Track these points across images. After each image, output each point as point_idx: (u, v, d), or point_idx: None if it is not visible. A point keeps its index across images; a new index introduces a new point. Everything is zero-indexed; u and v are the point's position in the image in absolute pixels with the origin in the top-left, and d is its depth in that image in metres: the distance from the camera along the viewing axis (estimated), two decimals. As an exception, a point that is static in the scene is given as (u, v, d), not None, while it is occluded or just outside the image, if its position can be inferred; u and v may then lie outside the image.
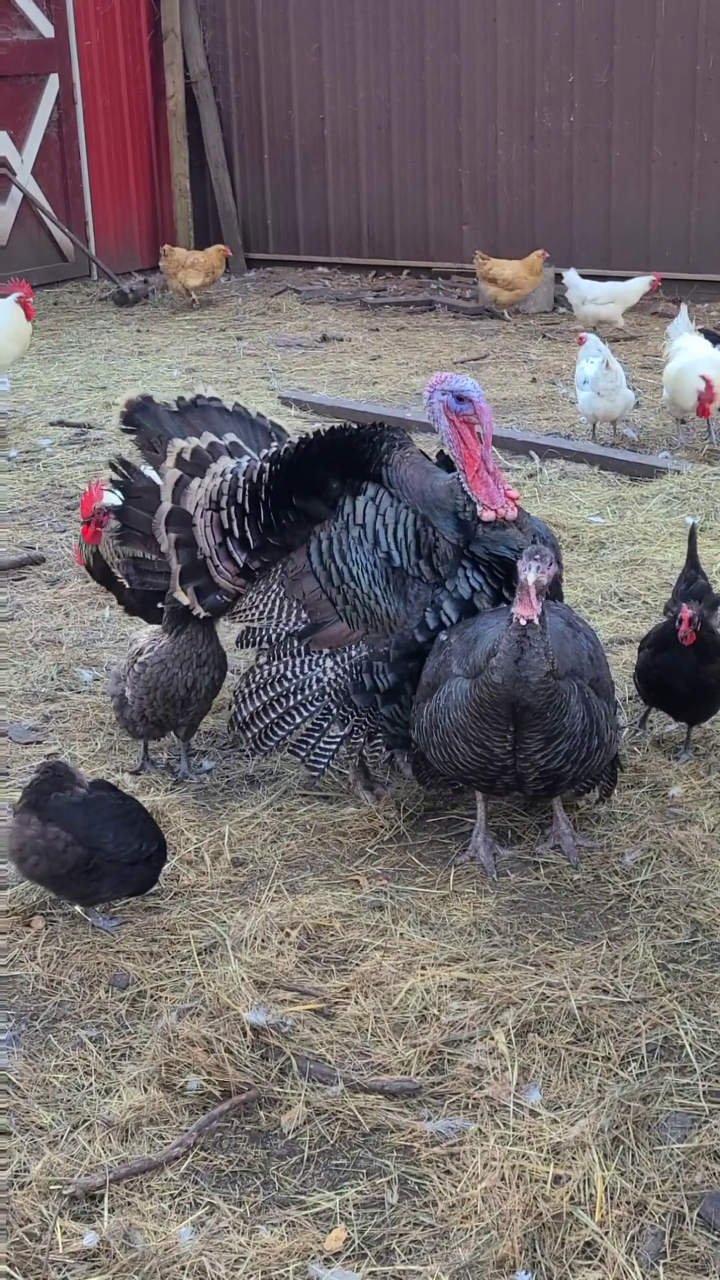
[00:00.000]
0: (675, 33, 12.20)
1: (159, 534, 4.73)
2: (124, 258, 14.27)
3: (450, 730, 4.02)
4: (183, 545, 4.67)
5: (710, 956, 3.82)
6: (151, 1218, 3.00)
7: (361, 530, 4.38)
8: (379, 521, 4.37)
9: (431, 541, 4.31)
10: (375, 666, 4.38)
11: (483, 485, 4.26)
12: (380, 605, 4.35)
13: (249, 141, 14.62)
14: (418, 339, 11.60)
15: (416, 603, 4.31)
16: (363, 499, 4.42)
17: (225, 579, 4.64)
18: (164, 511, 4.70)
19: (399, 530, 4.34)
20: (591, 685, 4.08)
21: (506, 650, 3.82)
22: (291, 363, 10.71)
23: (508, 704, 3.86)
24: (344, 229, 14.35)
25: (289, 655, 4.54)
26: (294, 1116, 3.28)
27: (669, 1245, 2.91)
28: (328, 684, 4.46)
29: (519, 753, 3.96)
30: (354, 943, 3.91)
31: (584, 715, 3.97)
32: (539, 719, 3.88)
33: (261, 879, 4.22)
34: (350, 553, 4.38)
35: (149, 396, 5.01)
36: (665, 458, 8.12)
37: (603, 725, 4.06)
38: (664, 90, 12.38)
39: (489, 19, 12.98)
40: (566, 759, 3.98)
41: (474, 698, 3.92)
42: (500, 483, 4.29)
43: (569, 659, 4.00)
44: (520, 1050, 3.46)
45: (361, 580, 4.37)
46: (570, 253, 13.02)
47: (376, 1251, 2.92)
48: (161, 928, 3.98)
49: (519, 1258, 2.87)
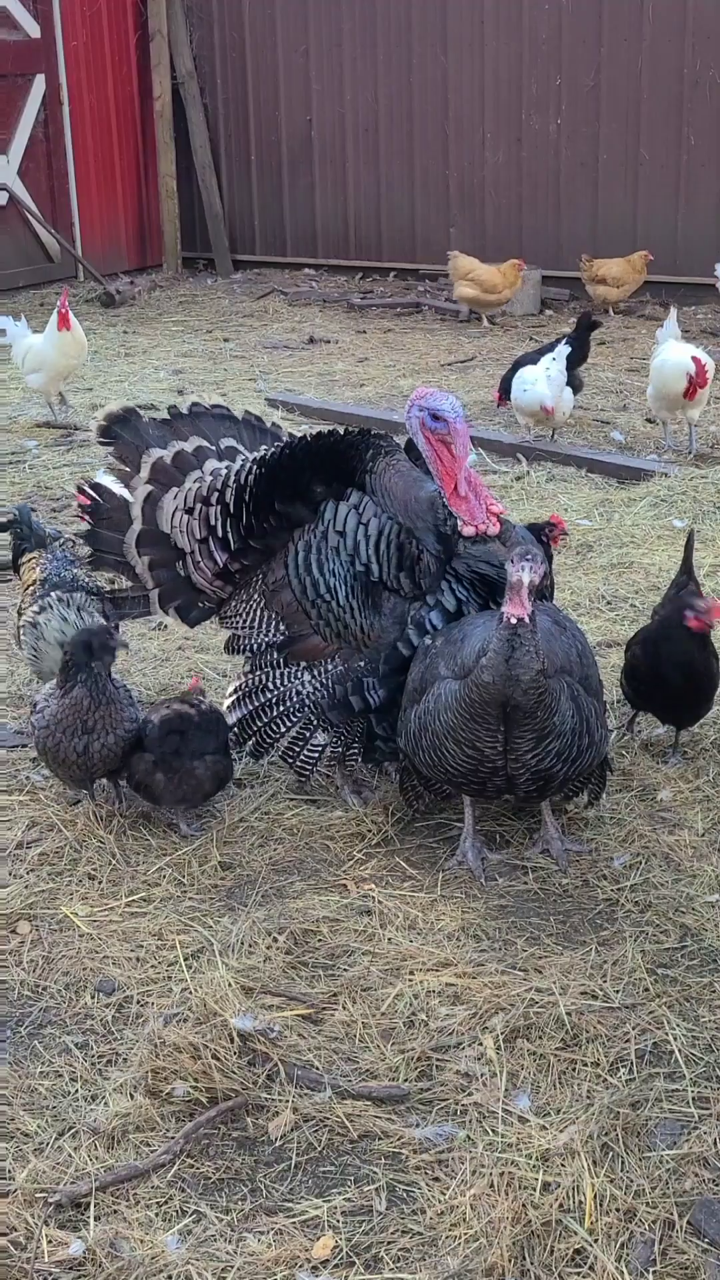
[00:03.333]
0: (662, 36, 12.22)
1: (130, 556, 4.67)
2: (110, 259, 14.24)
3: (440, 733, 4.00)
4: (158, 566, 4.62)
5: (699, 961, 3.81)
6: (138, 1226, 2.97)
7: (341, 539, 4.32)
8: (361, 531, 4.31)
9: (415, 554, 4.26)
10: (365, 684, 4.34)
11: (462, 502, 4.22)
12: (355, 620, 4.31)
13: (236, 143, 14.60)
14: (405, 341, 11.59)
15: (392, 616, 4.27)
16: (345, 505, 4.36)
17: (204, 579, 4.60)
18: (134, 533, 4.64)
19: (382, 542, 4.28)
20: (581, 683, 4.07)
21: (497, 649, 3.80)
22: (278, 364, 10.69)
23: (499, 703, 3.84)
24: (331, 231, 14.34)
25: (269, 666, 4.52)
26: (281, 1123, 3.25)
27: (659, 1253, 2.89)
28: (306, 697, 4.45)
29: (510, 753, 3.94)
30: (342, 947, 3.89)
31: (574, 714, 3.96)
32: (530, 718, 3.87)
33: (249, 883, 4.20)
34: (327, 563, 4.33)
35: (132, 409, 4.88)
36: (653, 460, 8.12)
37: (593, 724, 4.06)
38: (651, 93, 12.40)
39: (476, 22, 12.99)
40: (558, 758, 3.97)
41: (464, 698, 3.90)
42: (482, 497, 4.24)
43: (558, 657, 4.00)
44: (509, 1056, 3.44)
45: (338, 593, 4.32)
46: (557, 255, 13.04)
47: (364, 1259, 2.90)
48: (148, 933, 3.95)
49: (508, 1265, 2.85)
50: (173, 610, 4.67)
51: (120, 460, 4.79)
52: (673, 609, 4.72)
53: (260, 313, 12.89)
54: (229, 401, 9.52)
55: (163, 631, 5.93)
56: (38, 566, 5.05)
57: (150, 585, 4.67)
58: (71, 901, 4.10)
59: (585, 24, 12.53)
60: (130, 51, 14.24)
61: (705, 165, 12.34)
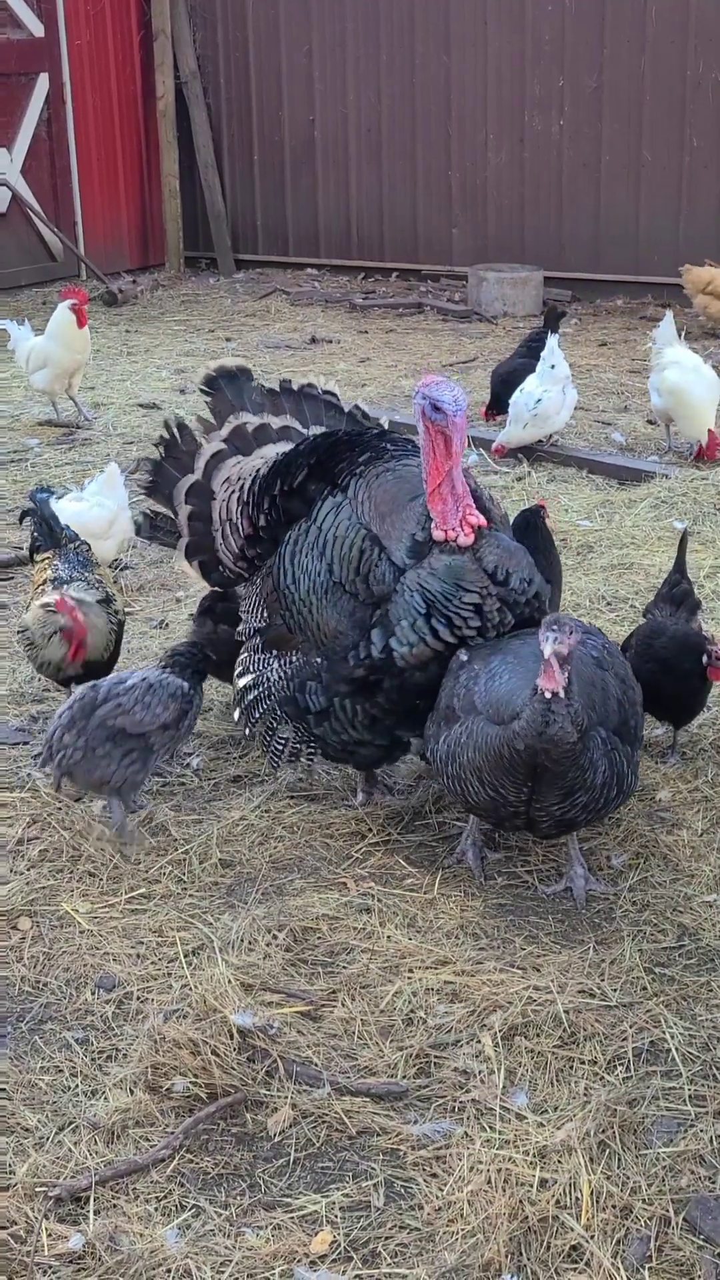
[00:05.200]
0: (665, 38, 12.23)
1: (177, 502, 4.79)
2: (113, 258, 14.25)
3: (466, 767, 3.92)
4: (196, 518, 4.73)
5: (697, 960, 3.83)
6: (137, 1220, 2.99)
7: (318, 534, 4.33)
8: (333, 530, 4.29)
9: (373, 560, 4.17)
10: (307, 686, 4.33)
11: (439, 502, 4.08)
12: (313, 615, 4.29)
13: (239, 142, 14.61)
14: (406, 341, 11.60)
15: (352, 620, 4.19)
16: (330, 503, 4.36)
17: (227, 557, 4.69)
18: (188, 482, 4.77)
19: (342, 545, 4.24)
20: (617, 731, 3.95)
21: (530, 720, 3.70)
22: (280, 364, 10.70)
23: (528, 765, 3.77)
24: (333, 231, 14.35)
25: (253, 650, 4.59)
26: (280, 1119, 3.27)
27: (654, 1249, 2.91)
28: (272, 685, 4.47)
29: (535, 802, 3.87)
30: (341, 945, 3.90)
31: (605, 768, 3.86)
32: (560, 778, 3.80)
33: (249, 881, 4.22)
34: (299, 555, 4.36)
35: (246, 369, 5.04)
36: (654, 462, 8.14)
37: (623, 772, 3.94)
38: (653, 95, 12.41)
39: (479, 22, 12.99)
40: (583, 810, 3.90)
41: (495, 749, 3.81)
42: (462, 503, 4.10)
43: (595, 710, 3.87)
44: (507, 1054, 3.46)
45: (301, 584, 4.33)
46: (560, 256, 13.06)
47: (362, 1254, 2.92)
48: (148, 929, 3.97)
49: (505, 1261, 2.87)
50: (196, 564, 4.79)
51: (212, 412, 4.95)
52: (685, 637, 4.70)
53: (262, 312, 12.91)
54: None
55: (164, 630, 5.95)
56: (50, 567, 5.04)
57: (184, 534, 4.77)
58: (72, 898, 4.12)
59: (588, 25, 12.54)
60: (134, 51, 14.25)
61: (707, 167, 12.35)
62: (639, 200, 12.72)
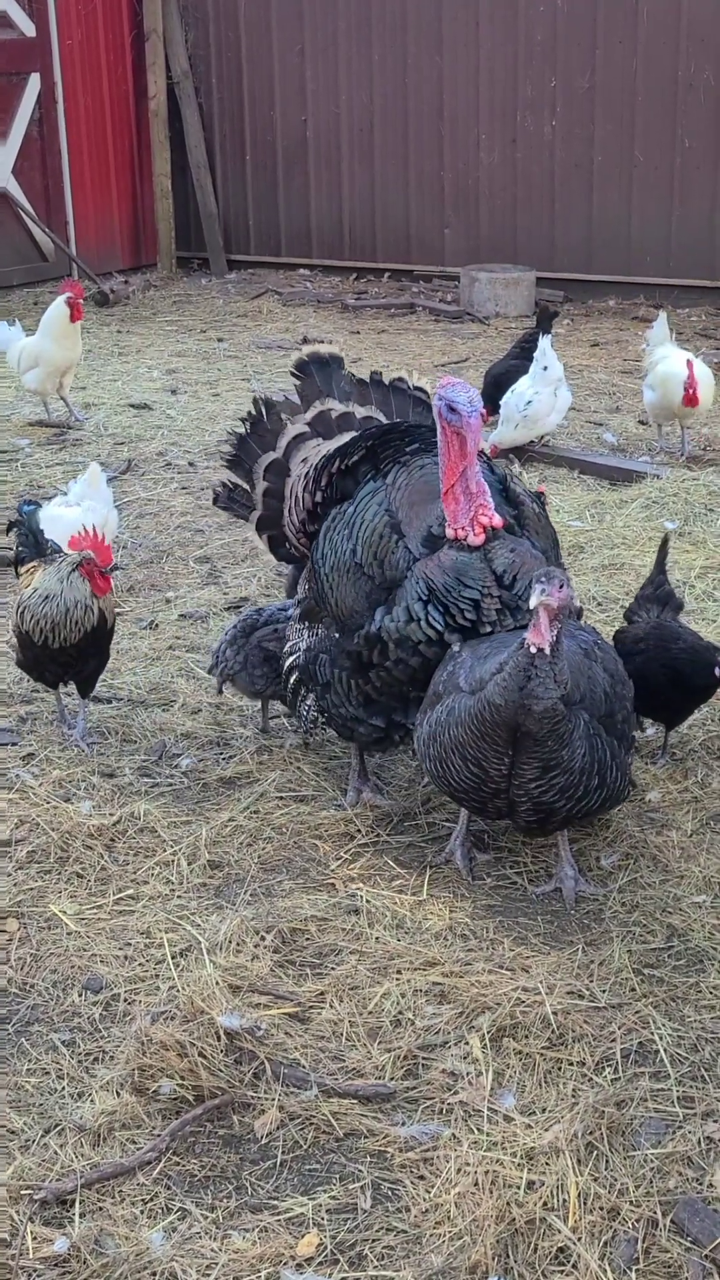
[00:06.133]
0: (657, 39, 12.23)
1: (255, 477, 4.92)
2: (105, 258, 14.23)
3: (449, 745, 3.93)
4: (271, 495, 4.87)
5: (685, 962, 3.82)
6: (123, 1223, 2.98)
7: (352, 515, 4.40)
8: (363, 514, 4.36)
9: (390, 546, 4.25)
10: (319, 659, 4.47)
11: (452, 501, 4.14)
12: (334, 591, 4.39)
13: (231, 142, 14.59)
14: (399, 341, 11.59)
15: (367, 600, 4.27)
16: (370, 487, 4.44)
17: (291, 532, 4.79)
18: (267, 460, 4.90)
19: (367, 529, 4.32)
20: (602, 721, 3.94)
21: (511, 673, 3.71)
22: (272, 365, 10.69)
23: (509, 726, 3.76)
24: (325, 231, 14.34)
25: (294, 620, 4.75)
26: (267, 1121, 3.26)
27: (641, 1251, 2.90)
28: (301, 654, 4.60)
29: (514, 778, 3.85)
30: (329, 946, 3.90)
31: (585, 752, 3.84)
32: (539, 746, 3.77)
33: (237, 882, 4.21)
34: (332, 532, 4.44)
35: (339, 357, 5.13)
36: (645, 462, 8.13)
37: (606, 764, 3.91)
38: (645, 96, 12.41)
39: (471, 22, 12.99)
40: (561, 794, 3.86)
41: (475, 714, 3.82)
42: (475, 503, 4.13)
43: (579, 689, 3.86)
44: (495, 1055, 3.45)
45: (328, 560, 4.42)
46: (552, 257, 13.06)
47: (349, 1257, 2.91)
48: (136, 931, 3.96)
49: (491, 1263, 2.86)
50: (265, 537, 4.94)
51: (300, 395, 5.05)
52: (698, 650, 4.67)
53: (254, 313, 12.89)
54: (222, 402, 9.59)
55: (153, 631, 5.94)
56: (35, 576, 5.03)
57: (259, 508, 4.91)
58: (60, 900, 4.11)
59: (580, 26, 12.54)
60: (125, 50, 14.23)
61: (699, 168, 12.35)
62: (631, 201, 12.72)
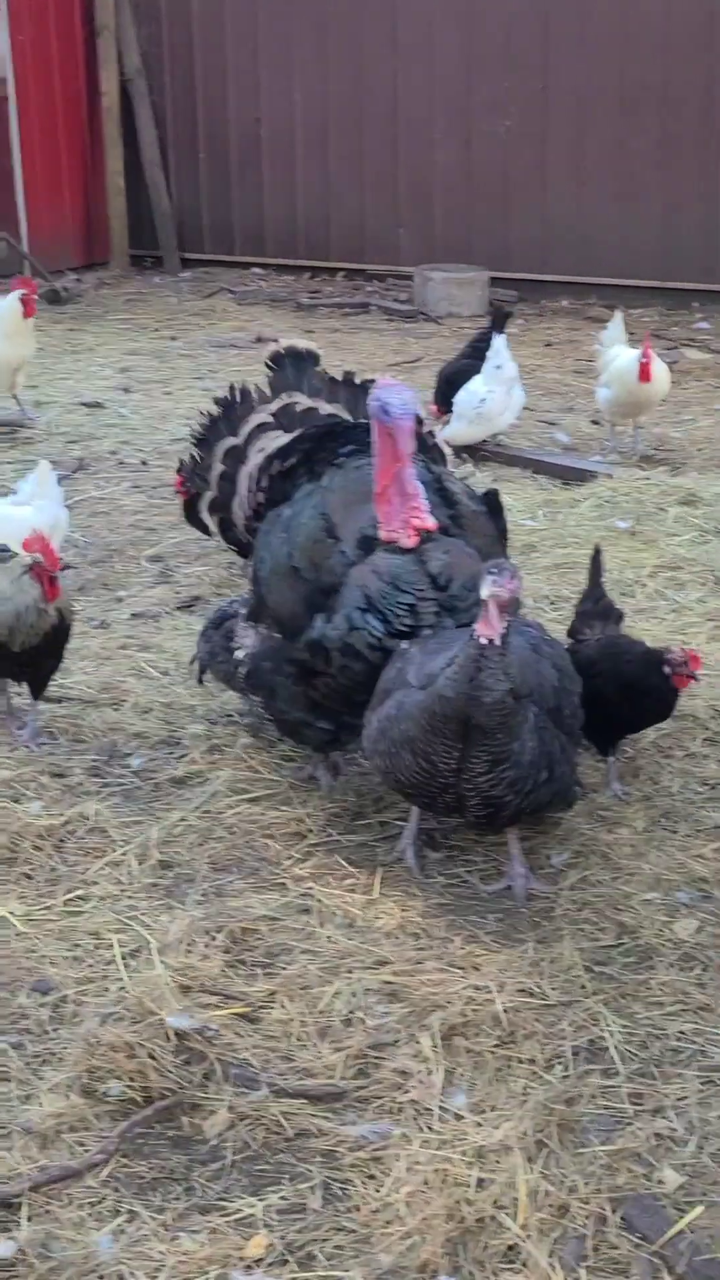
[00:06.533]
0: (609, 42, 12.30)
1: (214, 458, 4.97)
2: (57, 256, 14.13)
3: (398, 741, 3.91)
4: (225, 479, 4.92)
5: (635, 959, 3.83)
6: (70, 1226, 2.95)
7: (289, 519, 4.40)
8: (299, 517, 4.36)
9: (326, 550, 4.24)
10: (263, 664, 4.48)
11: (385, 503, 4.13)
12: (271, 595, 4.40)
13: (184, 140, 14.54)
14: (353, 341, 11.59)
15: (306, 605, 4.25)
16: (307, 488, 4.44)
17: (240, 522, 4.87)
18: (228, 444, 4.94)
19: (302, 532, 4.31)
20: (550, 715, 3.93)
21: (462, 665, 3.71)
22: (226, 363, 10.66)
23: (459, 720, 3.75)
24: (280, 230, 14.32)
25: (240, 619, 4.75)
26: (217, 1122, 3.24)
27: (591, 1248, 2.91)
28: (248, 654, 4.62)
29: (464, 772, 3.83)
30: (280, 946, 3.88)
31: (535, 745, 3.83)
32: (488, 739, 3.76)
33: (188, 882, 4.19)
34: (269, 536, 4.45)
35: (315, 354, 5.17)
36: (598, 462, 8.17)
37: (556, 758, 3.91)
38: (599, 97, 12.47)
39: (426, 22, 13.00)
40: (510, 788, 3.84)
41: (426, 709, 3.81)
42: (409, 508, 4.11)
43: (528, 683, 3.85)
44: (446, 1054, 3.44)
45: (266, 563, 4.43)
46: (506, 257, 13.09)
47: (298, 1258, 2.90)
48: (85, 931, 3.93)
49: (441, 1262, 2.86)
50: (215, 519, 5.01)
51: (270, 386, 5.10)
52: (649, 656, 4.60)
53: (208, 311, 12.85)
54: (174, 400, 9.55)
55: (105, 630, 5.91)
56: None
57: (212, 489, 4.96)
58: (8, 900, 4.07)
59: (534, 26, 12.58)
60: (78, 47, 14.14)
61: (652, 169, 12.43)
62: (584, 202, 12.78)
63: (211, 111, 14.30)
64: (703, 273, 12.48)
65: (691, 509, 7.21)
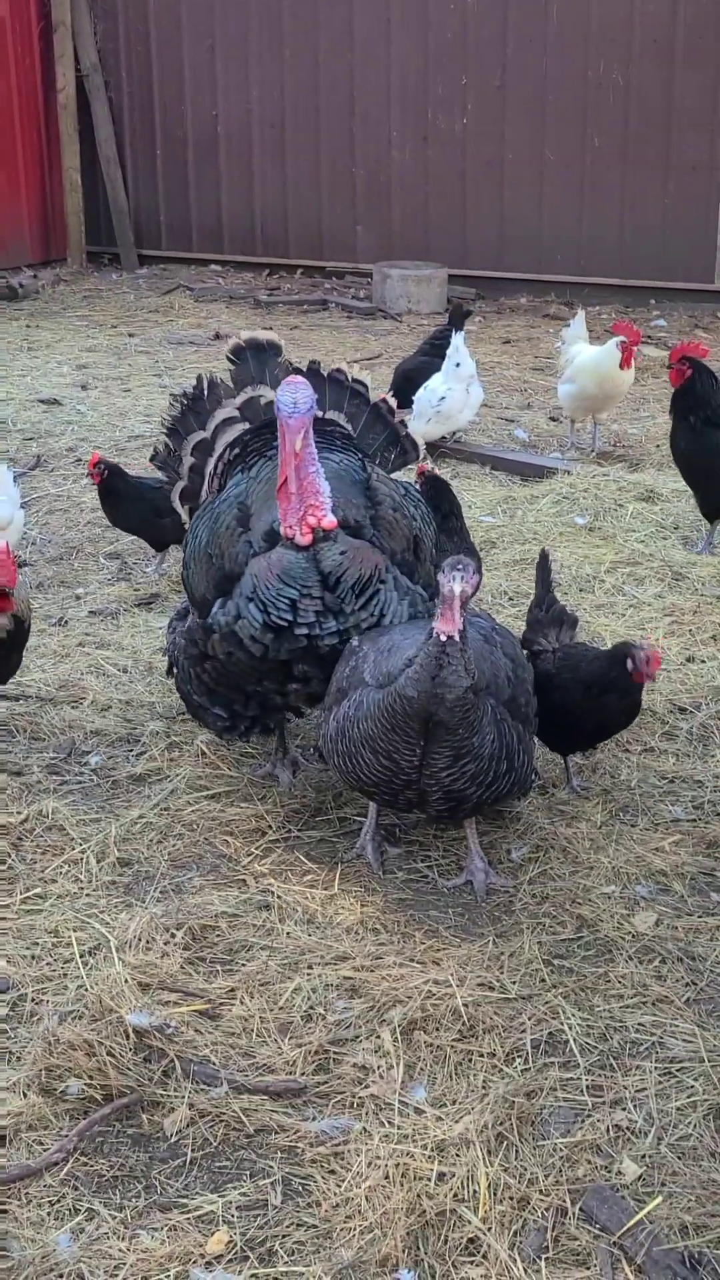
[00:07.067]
0: (566, 40, 12.34)
1: (184, 450, 4.98)
2: (13, 252, 14.06)
3: (358, 740, 3.91)
4: (195, 471, 4.95)
5: (595, 952, 3.85)
6: (29, 1225, 2.94)
7: (216, 503, 4.49)
8: (221, 504, 4.44)
9: (235, 538, 4.30)
10: (178, 643, 4.55)
11: (284, 500, 4.14)
12: (191, 576, 4.49)
13: (141, 137, 14.49)
14: (311, 338, 11.57)
15: (215, 589, 4.32)
16: (238, 477, 4.51)
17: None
18: (196, 438, 4.95)
19: (220, 519, 4.39)
20: (506, 706, 3.96)
21: (423, 664, 3.71)
22: (184, 360, 10.63)
23: (421, 717, 3.75)
24: (237, 227, 14.29)
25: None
26: (177, 1119, 3.23)
27: (551, 1240, 2.92)
28: (170, 635, 4.72)
29: (425, 768, 3.84)
30: (240, 942, 3.87)
31: (495, 738, 3.85)
32: (451, 734, 3.77)
33: (147, 879, 4.17)
34: (198, 521, 4.55)
35: (277, 345, 5.12)
36: (556, 458, 8.19)
37: (514, 749, 3.93)
38: (556, 95, 12.52)
39: (382, 19, 13.01)
40: (472, 781, 3.86)
41: (386, 707, 3.80)
42: (307, 506, 4.11)
43: (484, 676, 3.87)
44: (406, 1048, 3.45)
45: (189, 546, 4.53)
46: (464, 254, 13.12)
47: (259, 1253, 2.89)
48: (44, 930, 3.91)
49: (402, 1256, 2.86)
50: (185, 508, 4.98)
51: (233, 380, 5.05)
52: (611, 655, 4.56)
53: (166, 308, 12.81)
54: (133, 398, 9.51)
55: (63, 628, 5.88)
56: None
57: (183, 479, 4.97)
58: (-34, 899, 4.04)
59: (491, 24, 12.61)
60: (33, 42, 14.05)
61: (609, 167, 12.48)
62: (542, 199, 12.83)
63: (168, 107, 14.25)
64: (660, 271, 12.55)
65: (649, 505, 7.25)
